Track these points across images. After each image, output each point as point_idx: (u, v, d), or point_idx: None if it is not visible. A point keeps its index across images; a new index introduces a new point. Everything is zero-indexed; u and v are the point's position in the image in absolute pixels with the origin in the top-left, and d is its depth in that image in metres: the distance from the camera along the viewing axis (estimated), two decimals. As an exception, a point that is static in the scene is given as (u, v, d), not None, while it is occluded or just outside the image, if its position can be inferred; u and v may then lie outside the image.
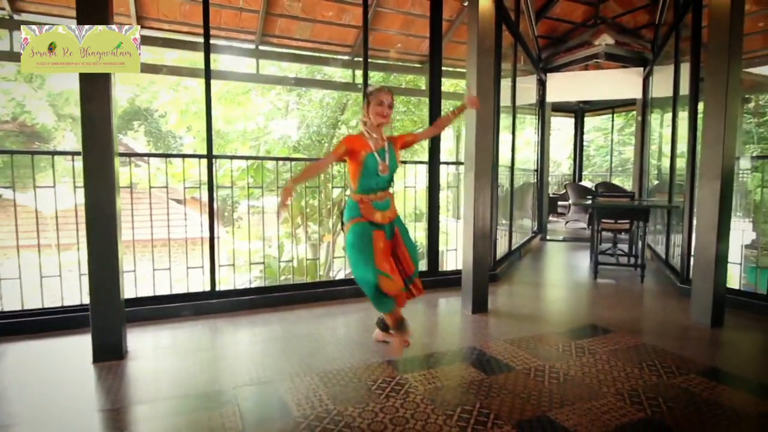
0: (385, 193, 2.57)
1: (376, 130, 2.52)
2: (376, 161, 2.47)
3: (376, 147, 2.50)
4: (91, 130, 2.54)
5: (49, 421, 2.02)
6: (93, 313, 2.62)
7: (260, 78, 6.16)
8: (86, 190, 2.56)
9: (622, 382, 2.37)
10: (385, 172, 2.50)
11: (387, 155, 2.53)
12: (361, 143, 2.48)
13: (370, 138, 2.50)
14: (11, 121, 10.80)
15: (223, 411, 2.10)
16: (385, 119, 2.48)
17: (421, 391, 2.27)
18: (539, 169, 7.56)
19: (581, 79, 7.31)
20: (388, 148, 2.55)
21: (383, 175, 2.50)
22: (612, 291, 4.38)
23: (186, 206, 7.47)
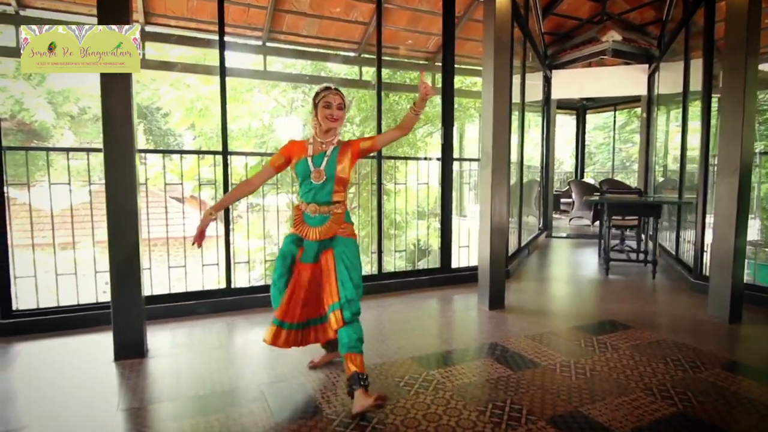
0: (320, 208, 2.18)
1: (326, 135, 2.22)
2: (308, 167, 2.17)
3: (315, 151, 2.21)
4: (112, 127, 2.51)
5: (73, 421, 2.00)
6: (114, 311, 2.60)
7: (268, 75, 6.13)
8: (107, 187, 2.53)
9: (649, 377, 2.37)
10: (319, 179, 2.16)
11: (325, 160, 2.18)
12: (299, 149, 2.22)
13: (314, 143, 2.23)
14: (9, 118, 10.70)
15: (253, 408, 2.08)
16: (334, 123, 2.18)
17: (450, 388, 2.26)
18: (544, 166, 7.58)
19: (585, 76, 7.32)
20: (331, 153, 2.20)
21: (316, 183, 2.16)
22: (625, 287, 4.39)
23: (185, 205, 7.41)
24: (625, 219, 5.57)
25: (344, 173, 2.21)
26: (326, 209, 2.20)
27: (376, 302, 3.72)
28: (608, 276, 4.72)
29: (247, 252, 4.84)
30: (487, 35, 3.46)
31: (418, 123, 9.66)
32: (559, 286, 4.45)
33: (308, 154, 2.20)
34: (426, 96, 2.13)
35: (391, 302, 3.77)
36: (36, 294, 3.18)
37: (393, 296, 3.92)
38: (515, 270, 4.83)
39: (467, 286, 4.17)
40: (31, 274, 3.14)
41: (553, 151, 7.71)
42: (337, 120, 2.19)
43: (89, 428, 1.94)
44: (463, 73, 7.72)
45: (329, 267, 2.20)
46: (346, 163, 2.21)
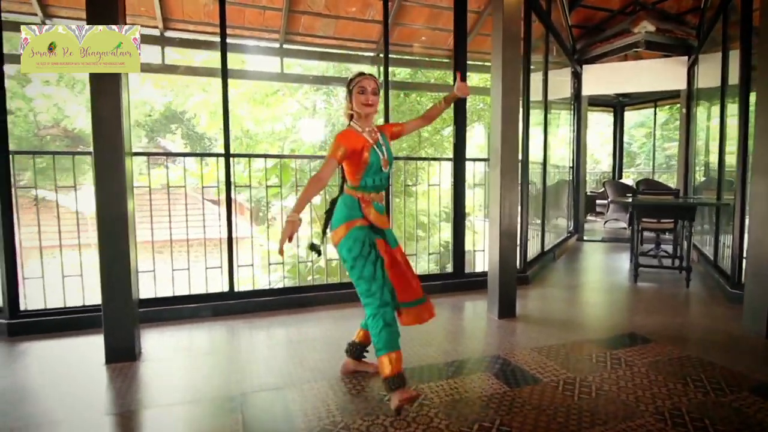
0: (382, 194, 2.24)
1: (366, 122, 2.17)
2: (378, 155, 2.13)
3: (374, 140, 2.15)
4: (101, 130, 2.50)
5: (60, 425, 1.98)
6: (105, 314, 2.60)
7: (285, 77, 6.13)
8: (96, 189, 2.53)
9: (662, 399, 2.13)
10: (386, 167, 2.17)
11: (384, 148, 2.18)
12: (358, 139, 2.12)
13: (363, 132, 2.15)
14: (55, 125, 11.27)
15: (228, 420, 2.00)
16: (371, 108, 2.14)
17: (436, 404, 2.10)
18: (575, 167, 7.23)
19: (619, 70, 6.92)
20: (383, 140, 2.20)
21: (385, 171, 2.17)
22: (653, 296, 4.06)
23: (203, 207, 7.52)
24: (661, 222, 5.20)
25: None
26: (383, 195, 2.26)
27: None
28: (636, 283, 4.40)
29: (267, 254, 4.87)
30: (495, 28, 3.27)
31: (443, 123, 9.48)
32: (580, 294, 4.17)
33: (371, 143, 2.14)
34: (463, 95, 2.44)
35: (397, 308, 3.62)
36: (43, 294, 3.24)
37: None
38: (535, 276, 4.58)
39: (481, 292, 3.95)
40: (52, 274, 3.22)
41: (584, 151, 7.35)
42: (372, 105, 2.15)
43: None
44: (487, 71, 7.48)
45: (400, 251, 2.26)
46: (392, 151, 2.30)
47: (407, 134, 2.47)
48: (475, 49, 6.27)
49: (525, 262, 4.40)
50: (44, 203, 5.23)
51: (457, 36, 4.04)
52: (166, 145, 13.53)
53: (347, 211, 2.13)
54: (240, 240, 3.74)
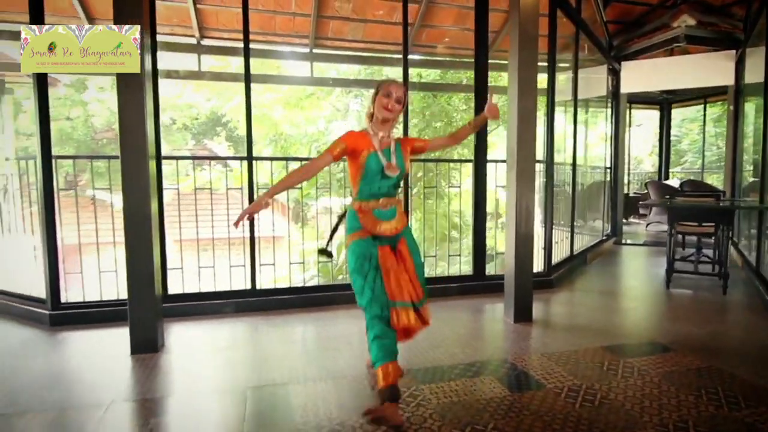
0: (390, 200, 2.15)
1: (382, 127, 2.14)
2: (379, 162, 2.09)
3: (381, 146, 2.12)
4: (126, 135, 2.68)
5: (79, 409, 2.15)
6: (130, 309, 2.78)
7: (316, 81, 6.27)
8: (123, 191, 2.71)
9: (670, 411, 2.04)
10: (394, 173, 2.10)
11: (394, 155, 2.13)
12: (363, 141, 2.10)
13: (375, 136, 2.13)
14: (109, 129, 11.99)
15: (231, 411, 2.10)
16: (390, 114, 2.09)
17: (433, 405, 2.12)
18: (613, 167, 6.97)
19: (662, 66, 6.61)
20: (395, 149, 2.16)
21: (391, 177, 2.11)
22: (685, 303, 3.88)
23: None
24: (703, 226, 4.93)
25: (408, 169, 2.24)
26: (395, 201, 2.19)
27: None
28: (669, 290, 4.20)
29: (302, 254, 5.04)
30: (512, 29, 3.23)
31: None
32: (606, 300, 4.03)
33: (377, 148, 2.12)
34: (492, 118, 2.29)
35: (413, 309, 3.64)
36: (82, 288, 3.50)
37: (417, 303, 3.79)
38: (561, 280, 4.46)
39: (501, 295, 3.89)
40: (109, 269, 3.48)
41: (622, 150, 7.07)
42: (392, 111, 2.11)
43: (93, 418, 2.08)
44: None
45: (408, 259, 2.16)
46: (407, 160, 2.24)
47: (431, 151, 2.43)
48: (507, 48, 6.19)
49: (549, 266, 4.30)
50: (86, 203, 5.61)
51: (478, 36, 4.00)
52: (212, 147, 14.10)
53: (351, 223, 2.16)
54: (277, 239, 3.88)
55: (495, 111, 2.26)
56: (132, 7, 2.63)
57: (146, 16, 2.81)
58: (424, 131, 8.38)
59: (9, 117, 6.34)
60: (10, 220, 3.98)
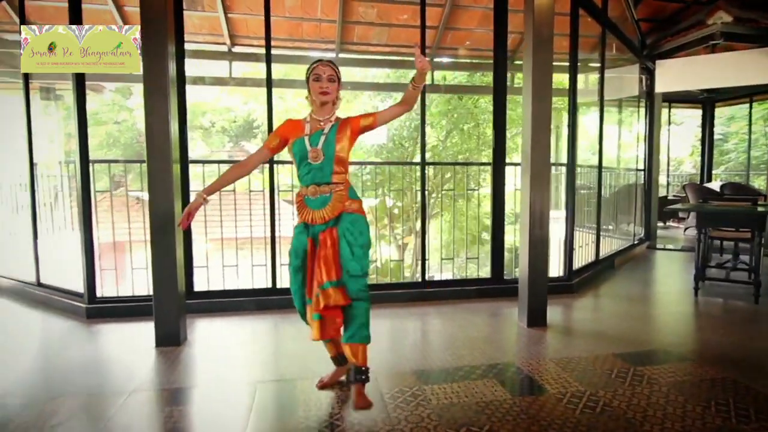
0: (319, 188, 2.09)
1: (321, 112, 2.11)
2: (304, 148, 2.07)
3: (312, 130, 2.09)
4: (152, 141, 2.86)
5: (98, 396, 2.32)
6: (155, 304, 2.96)
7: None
8: (149, 193, 2.89)
9: (673, 422, 2.00)
10: (317, 160, 2.05)
11: (322, 139, 2.06)
12: (295, 128, 2.12)
13: (311, 121, 2.11)
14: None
15: (239, 403, 2.22)
16: (326, 96, 2.06)
17: (432, 405, 2.16)
18: (647, 169, 6.75)
19: (701, 64, 6.33)
20: (329, 131, 2.09)
21: (314, 164, 2.07)
22: (712, 311, 3.74)
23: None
24: (740, 231, 4.73)
25: (343, 152, 2.11)
26: (327, 189, 2.10)
27: (407, 310, 3.68)
28: (697, 297, 4.05)
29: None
30: (526, 32, 3.22)
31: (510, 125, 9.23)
32: (628, 306, 3.92)
33: (305, 134, 2.09)
34: (422, 70, 2.07)
35: (426, 311, 3.69)
36: (116, 283, 3.74)
37: (431, 305, 3.83)
38: (584, 285, 4.38)
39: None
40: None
41: (657, 152, 6.83)
42: (328, 93, 2.07)
43: (104, 402, 2.24)
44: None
45: (328, 244, 2.06)
46: (345, 143, 2.11)
47: (384, 123, 2.23)
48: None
49: (570, 271, 4.24)
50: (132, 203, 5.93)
51: (498, 37, 3.99)
52: (249, 149, 14.57)
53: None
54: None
55: (421, 62, 2.05)
56: (157, 17, 2.80)
57: (171, 25, 2.96)
58: (451, 133, 8.36)
59: (59, 122, 6.80)
60: (59, 219, 4.28)
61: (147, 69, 2.81)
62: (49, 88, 6.45)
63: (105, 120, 11.83)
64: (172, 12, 3.03)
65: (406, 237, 7.57)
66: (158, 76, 2.84)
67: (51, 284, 3.92)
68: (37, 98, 6.06)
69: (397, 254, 8.37)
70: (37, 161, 3.95)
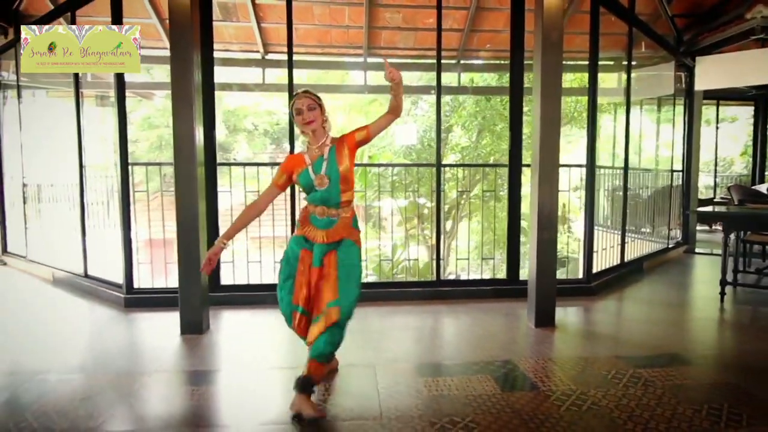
0: (328, 211, 2.22)
1: (314, 140, 2.22)
2: (309, 177, 2.19)
3: (312, 159, 2.21)
4: (179, 145, 3.12)
5: (124, 375, 2.58)
6: (180, 295, 3.22)
7: (369, 88, 6.56)
8: (176, 194, 3.15)
9: (657, 422, 2.02)
10: (322, 186, 2.17)
11: (324, 165, 2.19)
12: (297, 162, 2.24)
13: (309, 151, 2.23)
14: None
15: (250, 386, 2.41)
16: (309, 125, 2.17)
17: (423, 397, 2.27)
18: (685, 169, 6.49)
19: (746, 59, 6.02)
20: (328, 155, 2.21)
21: (320, 189, 2.18)
22: (733, 318, 3.61)
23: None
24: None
25: (347, 171, 2.22)
26: (335, 212, 2.22)
27: (420, 308, 3.78)
28: (722, 303, 3.90)
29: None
30: (535, 34, 3.26)
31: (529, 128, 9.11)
32: (646, 309, 3.84)
33: (307, 164, 2.21)
34: (392, 81, 2.17)
35: (438, 309, 3.78)
36: (151, 276, 4.07)
37: (445, 304, 3.91)
38: (606, 287, 4.31)
39: (533, 300, 3.91)
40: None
41: (697, 152, 6.55)
42: (312, 122, 2.17)
43: (130, 381, 2.50)
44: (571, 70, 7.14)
45: (330, 269, 2.19)
46: (346, 162, 2.22)
47: (376, 135, 2.32)
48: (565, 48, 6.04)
49: (589, 273, 4.19)
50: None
51: (514, 38, 4.02)
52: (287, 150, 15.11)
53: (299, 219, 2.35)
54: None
55: (392, 74, 2.15)
56: (184, 26, 3.06)
57: (197, 34, 3.21)
58: (482, 134, 8.36)
59: (114, 128, 7.37)
60: (105, 216, 4.68)
61: (174, 77, 3.10)
62: (104, 96, 7.01)
63: (157, 124, 12.56)
64: (198, 22, 3.29)
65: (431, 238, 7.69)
66: (184, 83, 3.10)
67: (96, 276, 4.31)
68: (94, 105, 6.62)
69: (427, 254, 8.45)
70: (90, 164, 4.36)
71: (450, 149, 8.84)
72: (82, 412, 2.13)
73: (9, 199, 5.74)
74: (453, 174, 6.66)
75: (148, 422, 2.10)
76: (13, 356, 2.85)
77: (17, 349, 2.98)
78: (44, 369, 2.62)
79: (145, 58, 6.36)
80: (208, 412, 2.20)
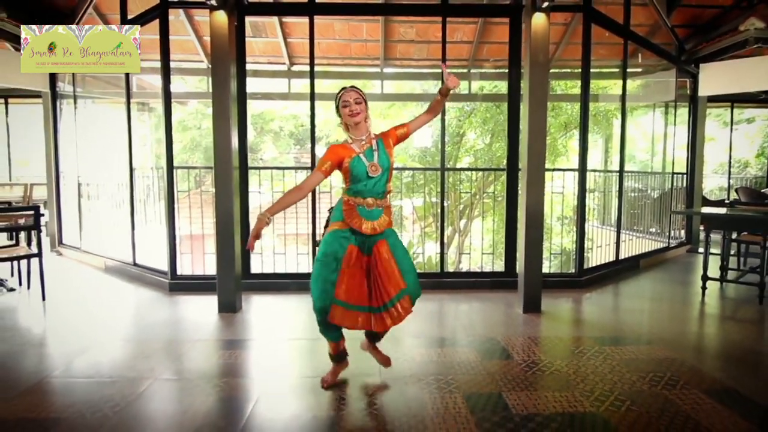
0: (378, 201, 2.29)
1: (358, 132, 2.32)
2: (363, 163, 2.26)
3: (362, 148, 2.30)
4: (218, 152, 3.70)
5: (170, 343, 3.16)
6: (218, 281, 3.80)
7: (386, 96, 7.08)
8: (215, 194, 3.73)
9: (605, 383, 2.46)
10: (376, 172, 2.26)
11: (376, 153, 2.30)
12: (345, 150, 2.29)
13: (354, 142, 2.31)
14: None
15: (275, 351, 2.95)
16: (357, 117, 2.27)
17: (416, 362, 2.76)
18: (689, 172, 6.76)
19: (749, 65, 6.26)
20: (378, 146, 2.32)
21: (374, 176, 2.26)
22: (709, 309, 3.95)
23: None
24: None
25: (393, 162, 2.37)
26: (381, 202, 2.31)
27: (424, 296, 4.24)
28: (703, 297, 4.24)
29: None
30: (524, 55, 3.70)
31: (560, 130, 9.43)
32: (629, 301, 4.21)
33: (358, 152, 2.29)
34: (452, 86, 2.32)
35: (441, 298, 4.24)
36: (192, 264, 4.67)
37: (447, 293, 4.37)
38: (597, 281, 4.70)
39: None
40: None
41: (701, 155, 6.80)
42: (358, 114, 2.27)
43: (177, 347, 3.07)
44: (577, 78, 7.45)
45: (387, 257, 2.29)
46: (391, 153, 2.37)
47: (415, 131, 2.48)
48: (569, 57, 6.44)
49: (581, 267, 4.59)
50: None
51: (511, 48, 4.40)
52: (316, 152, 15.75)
53: (336, 214, 2.37)
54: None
55: (451, 80, 2.29)
56: (222, 45, 3.64)
57: (233, 49, 3.78)
58: (495, 138, 8.76)
59: (152, 130, 8.11)
60: (150, 212, 5.33)
61: (215, 92, 3.68)
62: (144, 103, 7.73)
63: (190, 126, 13.35)
64: (235, 42, 3.86)
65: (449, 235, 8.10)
66: (222, 99, 3.68)
67: (144, 264, 4.95)
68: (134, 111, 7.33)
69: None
70: (136, 166, 5.00)
71: (465, 151, 9.28)
72: (144, 366, 2.71)
73: (64, 196, 6.48)
74: (467, 176, 7.11)
75: (194, 373, 2.66)
76: (80, 328, 3.48)
77: (81, 323, 3.61)
78: (108, 338, 3.23)
79: (185, 70, 7.06)
80: (242, 368, 2.75)
